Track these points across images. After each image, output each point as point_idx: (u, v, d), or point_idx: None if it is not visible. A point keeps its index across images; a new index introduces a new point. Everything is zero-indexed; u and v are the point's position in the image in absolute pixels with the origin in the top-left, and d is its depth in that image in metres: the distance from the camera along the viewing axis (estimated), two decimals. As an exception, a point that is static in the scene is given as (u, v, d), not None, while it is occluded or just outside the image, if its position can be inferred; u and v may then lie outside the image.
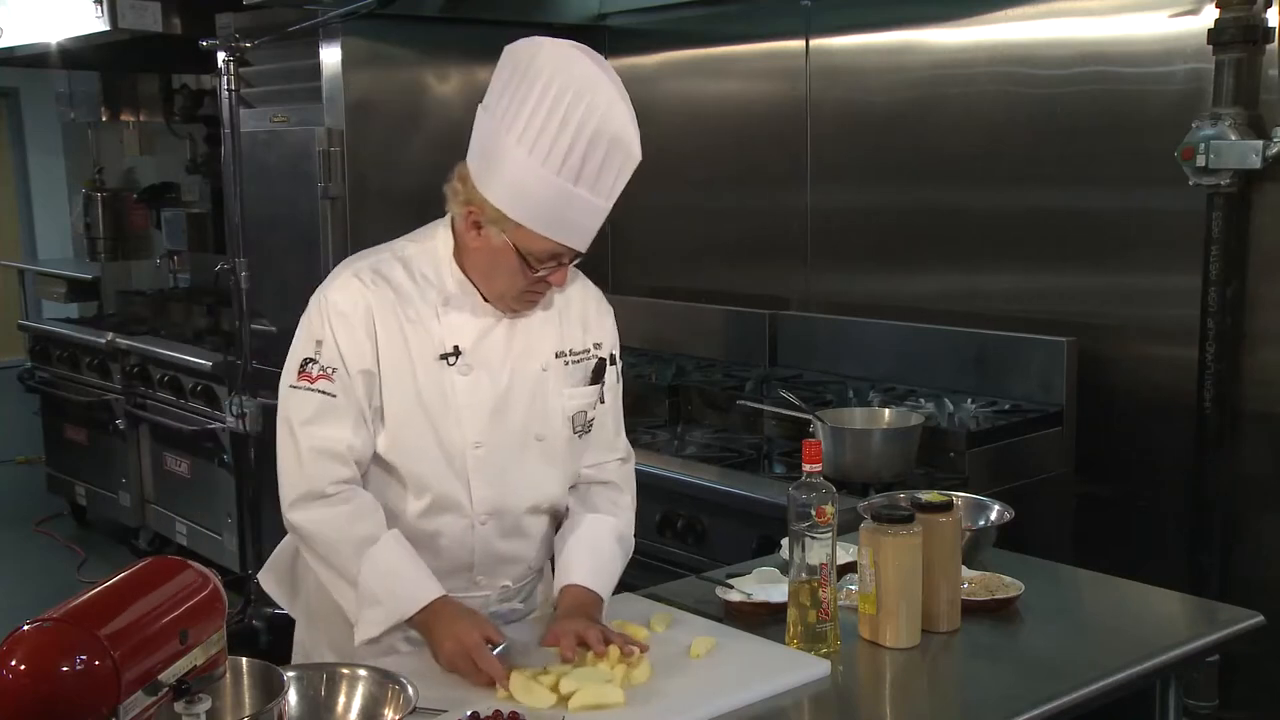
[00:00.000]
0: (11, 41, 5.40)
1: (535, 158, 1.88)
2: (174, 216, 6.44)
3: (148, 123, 6.70)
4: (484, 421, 2.05)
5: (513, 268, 1.98)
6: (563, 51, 1.92)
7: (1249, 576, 3.10)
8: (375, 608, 1.97)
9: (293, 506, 2.02)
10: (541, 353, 2.11)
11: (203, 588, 1.44)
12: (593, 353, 2.17)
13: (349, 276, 2.03)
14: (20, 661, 1.25)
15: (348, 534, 1.99)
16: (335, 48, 4.21)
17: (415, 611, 1.95)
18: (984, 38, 3.54)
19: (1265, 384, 3.07)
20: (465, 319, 2.05)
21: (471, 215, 1.98)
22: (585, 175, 1.90)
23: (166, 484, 5.53)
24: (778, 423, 3.37)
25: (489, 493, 2.08)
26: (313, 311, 2.05)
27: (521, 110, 1.89)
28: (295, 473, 2.02)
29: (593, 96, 1.88)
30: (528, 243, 1.95)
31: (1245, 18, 2.93)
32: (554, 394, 2.11)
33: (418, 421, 2.03)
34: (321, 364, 2.00)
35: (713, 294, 4.31)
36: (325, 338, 2.01)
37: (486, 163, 1.95)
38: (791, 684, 1.91)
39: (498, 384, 2.06)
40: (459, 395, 2.04)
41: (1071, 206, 3.38)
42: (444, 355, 2.03)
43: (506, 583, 2.17)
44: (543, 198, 1.91)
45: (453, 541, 2.09)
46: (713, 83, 4.32)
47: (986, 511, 2.51)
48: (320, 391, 2.00)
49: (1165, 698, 2.15)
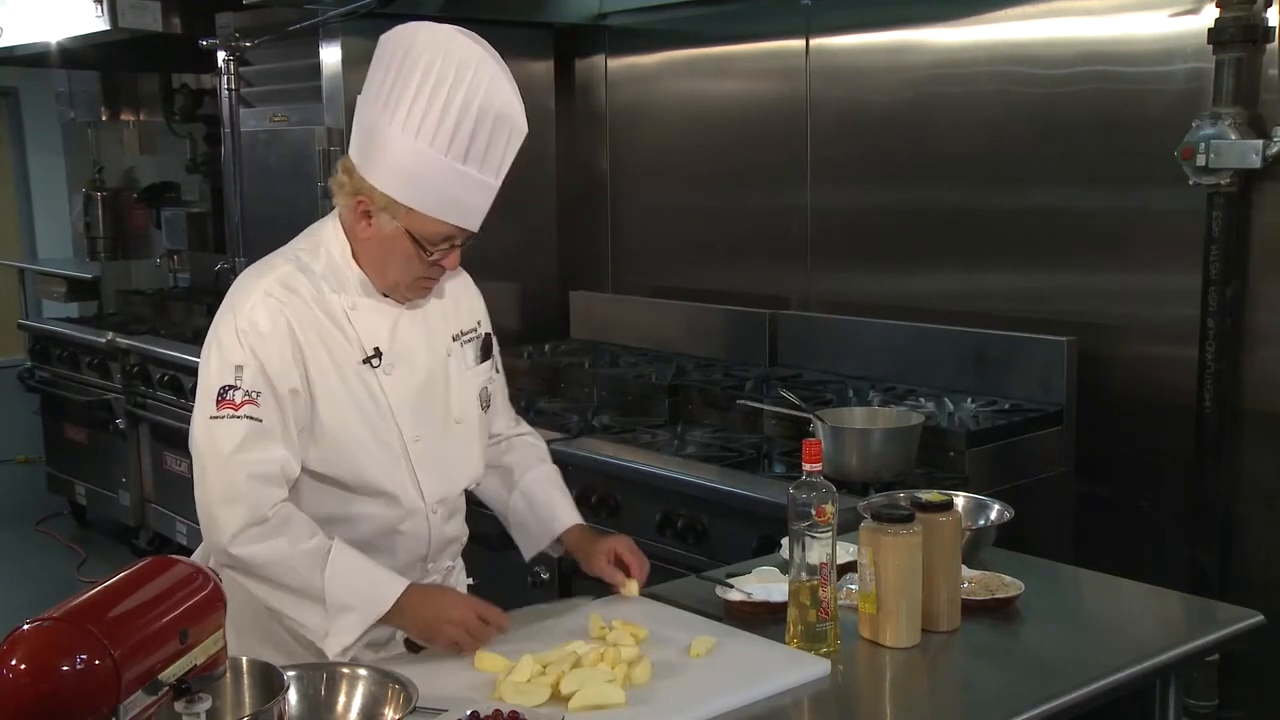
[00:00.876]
0: (11, 41, 5.40)
1: (422, 140, 1.90)
2: (174, 216, 6.45)
3: (148, 122, 6.70)
4: (415, 414, 2.09)
5: (407, 254, 2.00)
6: (440, 34, 1.94)
7: (1249, 576, 3.10)
8: (348, 614, 1.95)
9: (235, 540, 1.94)
10: (443, 339, 2.16)
11: (203, 587, 1.45)
12: (478, 330, 2.24)
13: (261, 295, 2.00)
14: (20, 661, 1.25)
15: (300, 552, 1.95)
16: (335, 47, 4.21)
17: (390, 607, 1.96)
18: (984, 37, 3.53)
19: (1265, 384, 3.07)
20: (375, 318, 2.06)
21: (361, 205, 1.99)
22: (473, 153, 1.92)
23: (166, 483, 5.52)
24: (778, 422, 3.37)
25: (434, 482, 2.13)
26: (225, 337, 1.99)
27: (404, 95, 1.91)
28: (231, 505, 1.94)
29: (474, 74, 1.91)
30: (421, 227, 1.96)
31: (1245, 17, 2.93)
32: (459, 377, 2.18)
33: (355, 427, 2.04)
34: (245, 389, 1.95)
35: (713, 293, 4.30)
36: (246, 362, 1.96)
37: (371, 151, 1.96)
38: (791, 683, 1.91)
39: (417, 376, 2.11)
40: (388, 394, 2.06)
41: (1072, 206, 3.38)
42: (367, 359, 2.05)
43: (450, 563, 2.25)
44: (432, 180, 1.92)
45: (410, 536, 2.12)
46: (713, 82, 4.32)
47: (986, 511, 2.51)
48: (247, 417, 1.94)
49: (1165, 697, 2.15)
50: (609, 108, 4.55)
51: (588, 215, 4.73)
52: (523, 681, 1.84)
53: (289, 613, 1.98)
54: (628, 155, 4.57)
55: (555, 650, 1.95)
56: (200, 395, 2.00)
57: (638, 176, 4.51)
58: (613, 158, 4.59)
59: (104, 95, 6.55)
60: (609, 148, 4.59)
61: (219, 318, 2.03)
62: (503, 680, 1.85)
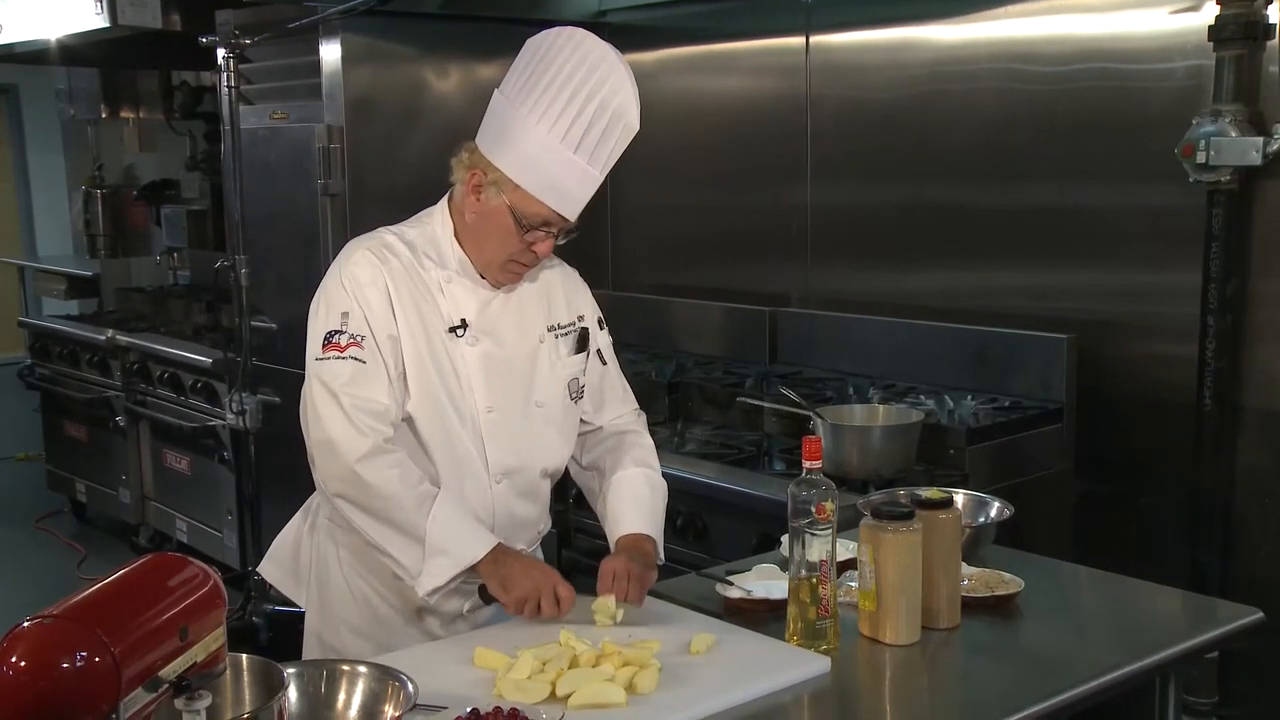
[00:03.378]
0: (11, 38, 5.38)
1: (542, 126, 2.04)
2: (174, 213, 6.45)
3: (147, 119, 6.70)
4: (492, 388, 2.19)
5: (506, 230, 2.10)
6: (576, 35, 2.09)
7: (1248, 573, 3.10)
8: (442, 557, 2.06)
9: (364, 461, 2.05)
10: (536, 327, 2.26)
11: (203, 584, 1.44)
12: (577, 325, 2.33)
13: (364, 252, 2.14)
14: (21, 658, 1.25)
15: (411, 488, 2.07)
16: (335, 44, 4.21)
17: (481, 558, 2.06)
18: (984, 34, 3.53)
19: (1265, 381, 3.07)
20: (467, 294, 2.18)
21: (475, 178, 2.11)
22: (585, 144, 2.06)
23: (166, 481, 5.53)
24: (778, 419, 3.37)
25: (502, 454, 2.20)
26: (332, 287, 2.14)
27: (535, 87, 2.05)
28: (350, 431, 2.06)
29: (600, 71, 2.05)
30: (523, 205, 2.08)
31: (1246, 14, 2.93)
32: (549, 364, 2.26)
33: (433, 388, 2.14)
34: (350, 333, 2.09)
35: (713, 291, 4.31)
36: (351, 308, 2.10)
37: (496, 133, 2.09)
38: (791, 681, 1.91)
39: (501, 353, 2.20)
40: (469, 364, 2.17)
41: (1072, 203, 3.38)
42: (453, 328, 2.17)
43: (521, 546, 2.26)
44: (543, 163, 2.05)
45: (470, 499, 2.18)
46: (713, 79, 4.31)
47: (986, 508, 2.51)
48: (353, 359, 2.08)
49: (1165, 694, 2.15)
50: (609, 105, 4.55)
51: (587, 213, 4.71)
52: (522, 679, 1.84)
53: (389, 548, 2.08)
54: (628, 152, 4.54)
55: (553, 645, 1.94)
56: (310, 342, 2.13)
57: (638, 174, 4.50)
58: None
59: (104, 92, 6.54)
60: (609, 145, 4.58)
61: (327, 275, 2.17)
62: (502, 677, 1.85)
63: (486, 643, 1.99)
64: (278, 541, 2.37)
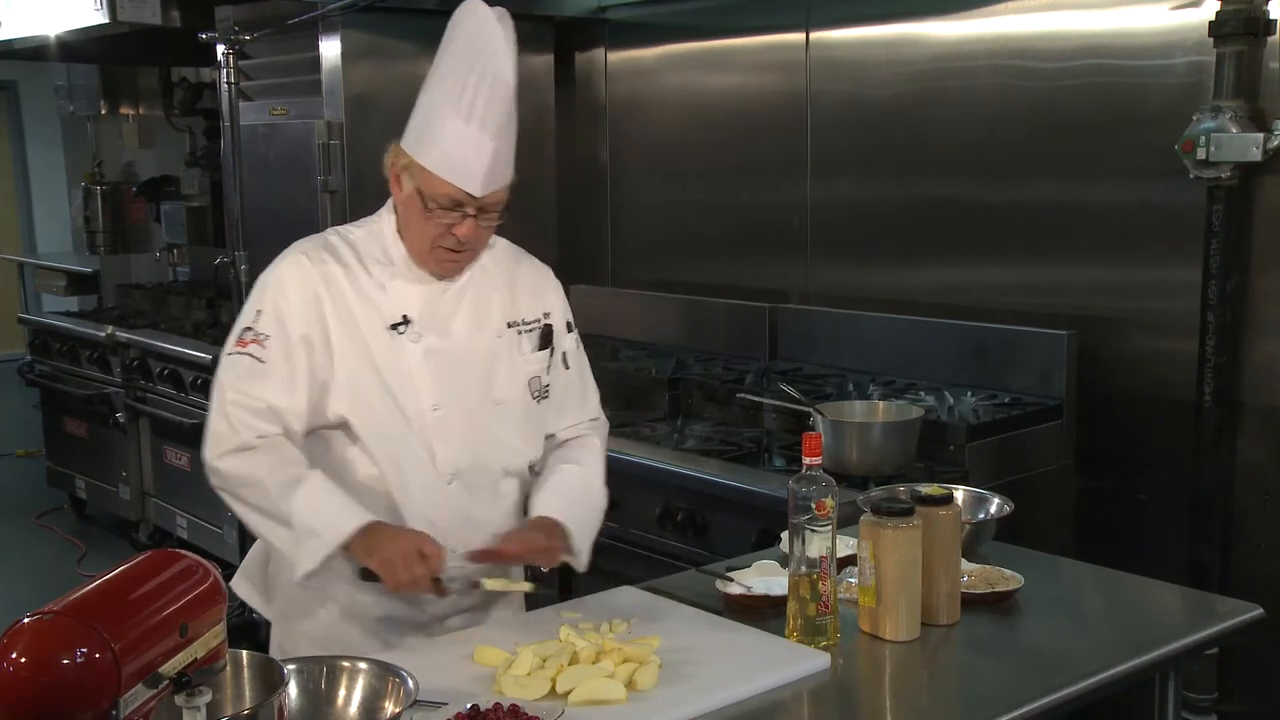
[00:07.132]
0: (10, 34, 5.39)
1: (434, 97, 2.08)
2: (173, 210, 6.45)
3: (147, 116, 6.70)
4: (441, 385, 2.15)
5: (420, 214, 2.10)
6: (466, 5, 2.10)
7: (1248, 569, 3.10)
8: (312, 539, 2.04)
9: (217, 455, 2.09)
10: (494, 322, 2.22)
11: (203, 581, 1.44)
12: (543, 321, 2.30)
13: (297, 255, 2.16)
14: (21, 654, 1.25)
15: (275, 474, 2.06)
16: (334, 41, 4.21)
17: (351, 535, 2.03)
18: (984, 30, 3.53)
19: (1265, 377, 3.07)
20: (412, 289, 2.16)
21: (394, 168, 2.13)
22: (474, 110, 2.04)
23: (166, 477, 5.53)
24: (777, 416, 3.37)
25: (453, 453, 2.16)
26: (258, 285, 2.17)
27: (436, 67, 2.10)
28: (223, 426, 2.09)
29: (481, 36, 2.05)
30: (428, 185, 2.08)
31: (1246, 10, 2.92)
32: (508, 361, 2.23)
33: (375, 388, 2.12)
34: (256, 330, 2.10)
35: (712, 287, 4.30)
36: (265, 307, 2.12)
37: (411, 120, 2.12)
38: (791, 677, 1.91)
39: (449, 349, 2.17)
40: (411, 361, 2.14)
41: (1072, 199, 3.38)
42: (394, 325, 2.14)
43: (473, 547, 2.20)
44: (438, 137, 2.06)
45: (418, 500, 2.14)
46: (713, 76, 4.31)
47: (986, 504, 2.51)
48: (250, 355, 2.09)
49: (1164, 690, 2.15)
50: (608, 101, 4.54)
51: (587, 209, 4.73)
52: (523, 675, 1.84)
53: (269, 537, 2.09)
54: (627, 149, 4.57)
55: (553, 642, 1.95)
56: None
57: (637, 170, 4.51)
58: (612, 151, 4.59)
59: (103, 89, 6.54)
60: (609, 141, 4.59)
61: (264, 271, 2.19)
62: (503, 674, 1.85)
63: (487, 639, 1.99)
64: (249, 556, 2.33)
